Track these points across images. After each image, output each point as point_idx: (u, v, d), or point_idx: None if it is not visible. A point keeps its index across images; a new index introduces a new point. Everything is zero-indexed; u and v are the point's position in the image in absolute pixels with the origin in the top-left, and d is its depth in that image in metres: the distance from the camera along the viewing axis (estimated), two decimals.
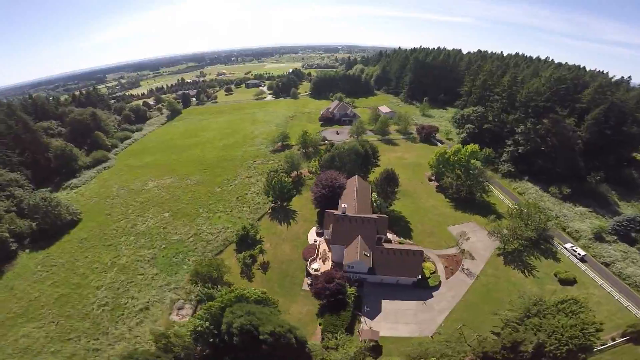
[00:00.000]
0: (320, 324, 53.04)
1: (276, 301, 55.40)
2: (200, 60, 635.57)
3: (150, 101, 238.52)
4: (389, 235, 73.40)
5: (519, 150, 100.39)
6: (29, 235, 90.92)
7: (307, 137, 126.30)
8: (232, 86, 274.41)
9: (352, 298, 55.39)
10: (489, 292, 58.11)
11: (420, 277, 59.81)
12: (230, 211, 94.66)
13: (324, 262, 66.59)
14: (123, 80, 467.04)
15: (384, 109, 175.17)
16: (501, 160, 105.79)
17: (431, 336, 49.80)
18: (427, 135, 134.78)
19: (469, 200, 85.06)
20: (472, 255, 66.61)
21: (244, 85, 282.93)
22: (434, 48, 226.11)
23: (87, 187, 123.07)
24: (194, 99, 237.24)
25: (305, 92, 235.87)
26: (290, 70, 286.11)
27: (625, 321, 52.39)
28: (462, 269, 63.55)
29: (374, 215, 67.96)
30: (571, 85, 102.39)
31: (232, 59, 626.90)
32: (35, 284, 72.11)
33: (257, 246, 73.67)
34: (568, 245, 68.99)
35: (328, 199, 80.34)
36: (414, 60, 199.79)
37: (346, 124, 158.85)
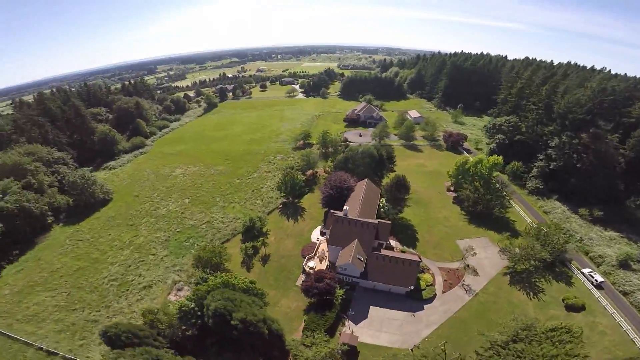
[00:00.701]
0: (304, 321, 53.39)
1: (265, 293, 56.78)
2: (243, 56, 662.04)
3: (191, 94, 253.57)
4: (392, 242, 71.69)
5: (551, 166, 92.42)
6: (65, 210, 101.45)
7: (327, 136, 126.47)
8: (267, 83, 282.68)
9: (340, 300, 55.04)
10: (485, 311, 54.45)
11: (413, 287, 57.70)
12: (244, 203, 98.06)
13: (321, 261, 66.75)
14: (171, 72, 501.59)
15: (413, 113, 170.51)
16: (530, 175, 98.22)
17: (411, 349, 48.03)
18: (454, 143, 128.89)
19: (486, 215, 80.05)
20: (476, 271, 62.86)
21: (278, 82, 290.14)
22: (475, 53, 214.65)
23: (123, 170, 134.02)
24: (231, 93, 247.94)
25: (336, 92, 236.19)
26: (323, 70, 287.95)
27: (624, 354, 46.77)
28: (462, 284, 60.28)
29: (375, 221, 66.73)
30: (620, 98, 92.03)
31: (273, 56, 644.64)
32: (60, 256, 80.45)
33: (260, 238, 75.70)
34: (586, 271, 62.48)
35: (335, 199, 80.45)
36: (451, 64, 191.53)
37: (371, 127, 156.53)
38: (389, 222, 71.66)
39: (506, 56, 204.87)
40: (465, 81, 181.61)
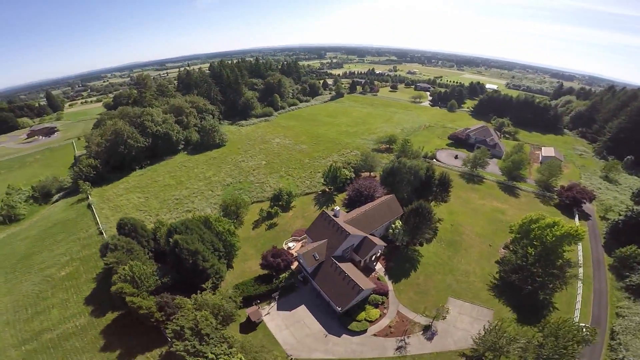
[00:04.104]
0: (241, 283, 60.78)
1: (238, 245, 67.51)
2: (403, 56, 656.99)
3: (330, 81, 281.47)
4: (377, 266, 66.90)
5: None
6: (192, 144, 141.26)
7: (407, 146, 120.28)
8: (402, 85, 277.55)
9: (278, 282, 58.99)
10: None
11: (346, 311, 54.14)
12: (296, 179, 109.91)
13: (301, 245, 70.91)
14: (334, 60, 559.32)
15: (547, 150, 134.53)
16: None
17: (288, 355, 48.07)
18: (571, 201, 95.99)
19: (521, 291, 60.28)
20: (431, 337, 51.64)
21: (413, 86, 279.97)
22: None
23: (246, 128, 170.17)
24: (360, 87, 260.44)
25: (468, 108, 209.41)
26: (469, 83, 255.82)
27: None
28: (398, 339, 51.32)
29: (361, 233, 64.29)
30: None
31: (433, 61, 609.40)
32: (165, 173, 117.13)
33: (275, 208, 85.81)
34: None
35: (353, 201, 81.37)
36: None
37: None
38: (383, 243, 67.07)
39: None
40: None
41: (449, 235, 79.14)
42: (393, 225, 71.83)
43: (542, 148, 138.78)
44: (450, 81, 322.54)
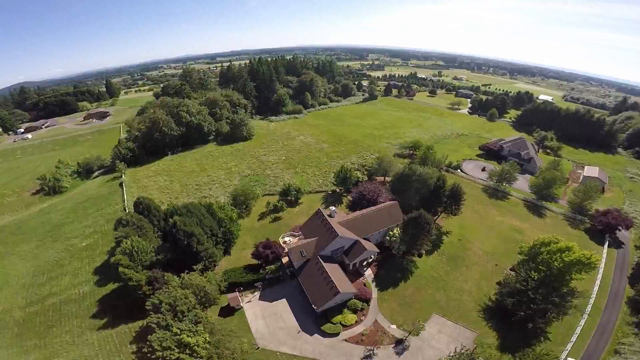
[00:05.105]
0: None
1: (237, 234, 70.79)
2: (451, 62, 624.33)
3: (365, 83, 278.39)
4: (367, 272, 65.91)
5: None
6: (222, 135, 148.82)
7: (430, 154, 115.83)
8: (442, 90, 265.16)
9: (264, 273, 60.75)
10: None
11: (323, 311, 54.01)
12: (310, 177, 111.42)
13: (297, 240, 72.18)
14: (376, 62, 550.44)
15: (591, 170, 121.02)
16: None
17: (254, 343, 49.38)
18: (605, 227, 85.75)
19: (513, 317, 55.28)
20: (402, 349, 49.68)
21: (454, 92, 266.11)
22: None
23: (275, 124, 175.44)
24: (396, 90, 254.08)
25: (511, 118, 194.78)
26: (516, 92, 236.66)
27: None
28: (368, 348, 49.76)
29: (353, 236, 63.79)
30: None
31: (483, 68, 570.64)
32: (191, 160, 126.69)
33: (281, 203, 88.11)
34: None
35: (356, 203, 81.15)
36: None
37: None
38: (375, 249, 66.06)
39: None
40: None
41: (453, 250, 75.33)
42: (391, 233, 70.06)
43: (585, 167, 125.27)
44: (498, 89, 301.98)
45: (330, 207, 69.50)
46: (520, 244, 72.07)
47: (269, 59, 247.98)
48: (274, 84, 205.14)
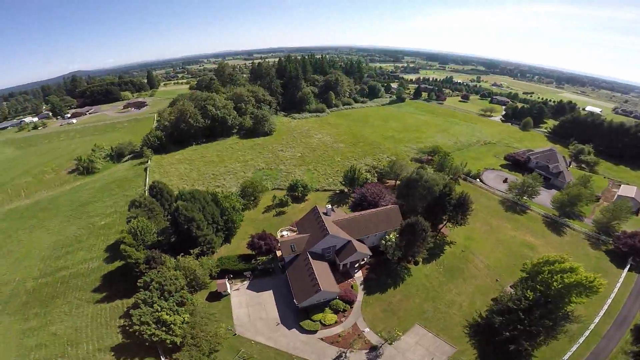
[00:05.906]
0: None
1: (239, 224, 74.00)
2: (492, 67, 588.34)
3: (395, 85, 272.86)
4: (357, 274, 65.73)
5: None
6: (245, 129, 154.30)
7: (447, 161, 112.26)
8: (476, 96, 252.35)
9: (255, 263, 62.79)
10: None
11: (304, 307, 54.92)
12: (321, 175, 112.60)
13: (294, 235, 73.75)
14: (412, 65, 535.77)
15: (628, 190, 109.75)
16: None
17: (230, 329, 51.42)
18: (629, 249, 77.77)
19: (497, 337, 51.70)
20: (375, 356, 48.92)
21: (489, 99, 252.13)
22: None
23: (297, 121, 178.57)
24: (425, 93, 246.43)
25: (547, 128, 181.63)
26: (558, 101, 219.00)
27: None
28: (342, 350, 49.52)
29: (347, 237, 63.96)
30: None
31: (527, 75, 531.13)
32: (214, 151, 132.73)
33: (286, 198, 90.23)
34: None
35: (357, 204, 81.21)
36: None
37: None
38: (367, 252, 65.81)
39: None
40: None
41: (454, 261, 72.81)
42: (387, 237, 69.30)
43: (622, 186, 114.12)
44: (540, 98, 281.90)
45: (327, 206, 70.04)
46: (527, 260, 68.21)
47: (298, 57, 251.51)
48: (300, 82, 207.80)
